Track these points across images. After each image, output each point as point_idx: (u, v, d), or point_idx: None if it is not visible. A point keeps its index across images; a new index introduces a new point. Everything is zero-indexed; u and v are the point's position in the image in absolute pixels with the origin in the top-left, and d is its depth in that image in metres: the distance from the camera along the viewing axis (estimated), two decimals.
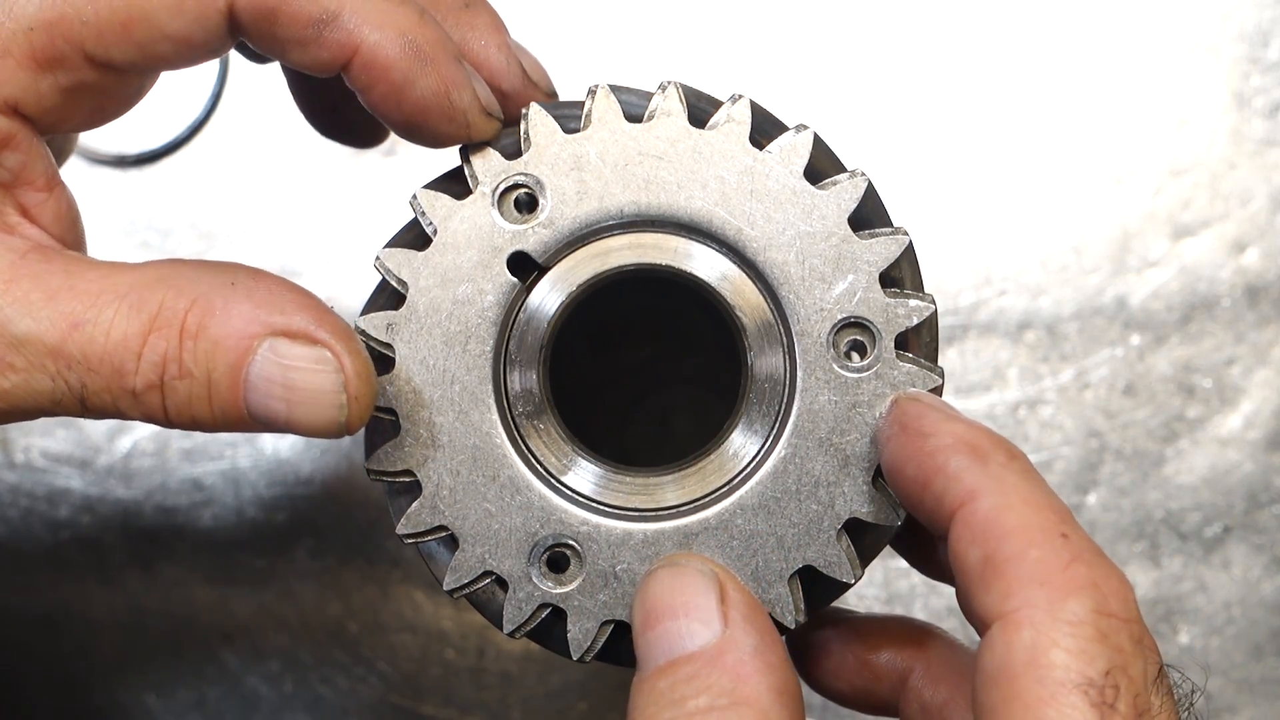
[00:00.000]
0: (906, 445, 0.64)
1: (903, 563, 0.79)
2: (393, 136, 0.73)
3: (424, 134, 0.69)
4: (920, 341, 0.69)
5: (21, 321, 0.64)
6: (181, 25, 0.66)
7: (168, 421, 0.65)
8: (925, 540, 0.73)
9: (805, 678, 0.74)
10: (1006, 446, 0.62)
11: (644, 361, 0.90)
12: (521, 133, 0.69)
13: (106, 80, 0.68)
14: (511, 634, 0.69)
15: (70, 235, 0.70)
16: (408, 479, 0.69)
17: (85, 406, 0.65)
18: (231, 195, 1.08)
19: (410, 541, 0.69)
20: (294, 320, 0.64)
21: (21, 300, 0.64)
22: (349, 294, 1.07)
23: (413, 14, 0.67)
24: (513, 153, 0.69)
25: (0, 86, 0.66)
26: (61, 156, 0.78)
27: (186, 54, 0.68)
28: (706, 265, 0.70)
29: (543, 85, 0.73)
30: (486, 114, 0.69)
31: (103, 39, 0.66)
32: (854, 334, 0.69)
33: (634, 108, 0.69)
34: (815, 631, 0.73)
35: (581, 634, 0.69)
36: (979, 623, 0.60)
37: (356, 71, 0.67)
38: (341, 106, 0.75)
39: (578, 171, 0.69)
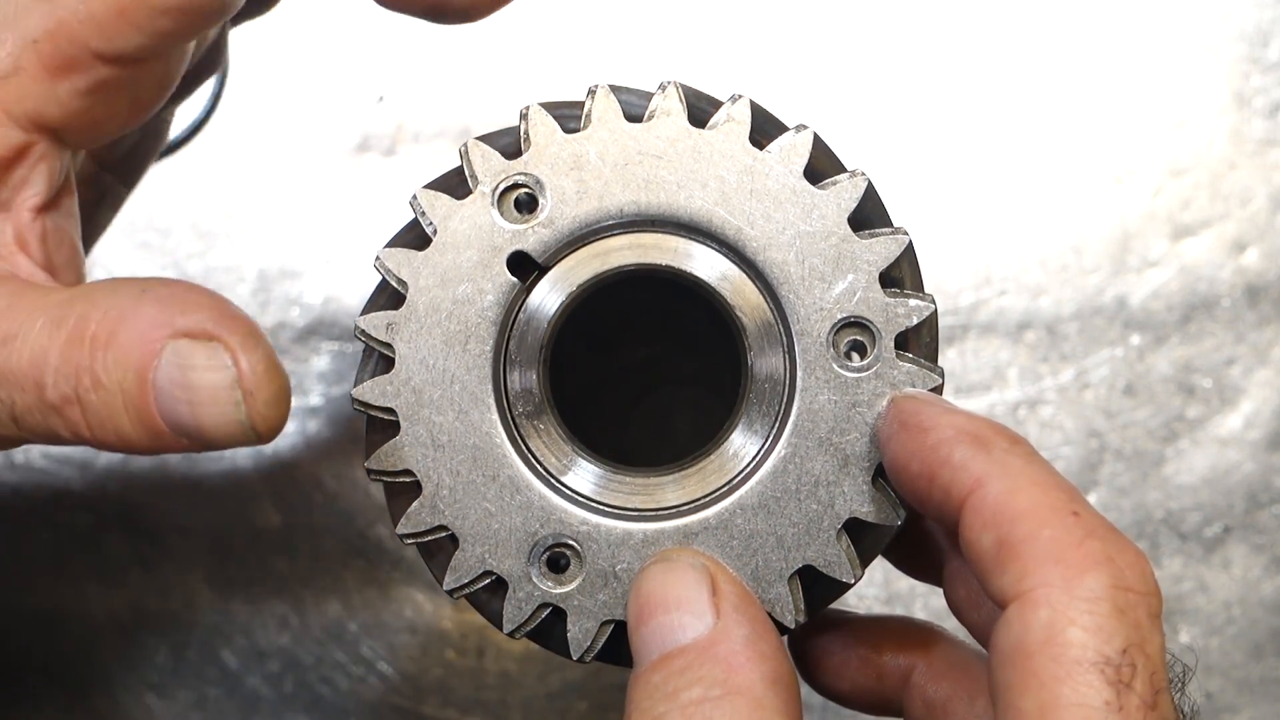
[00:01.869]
0: (908, 442, 0.64)
1: None
2: (391, 136, 0.73)
3: (439, 12, 0.71)
4: (920, 341, 0.69)
5: None
6: None
7: (95, 440, 0.64)
8: (915, 542, 0.73)
9: (808, 679, 0.74)
10: (1007, 433, 0.62)
11: (644, 361, 0.90)
12: (521, 132, 0.69)
13: (124, 72, 0.68)
14: (511, 634, 0.69)
15: (59, 257, 0.69)
16: (408, 479, 0.69)
17: (18, 425, 0.64)
18: (231, 195, 1.08)
19: (410, 541, 0.69)
20: (193, 319, 0.62)
21: None
22: (349, 294, 1.07)
23: None
24: (512, 152, 0.69)
25: (19, 102, 0.66)
26: (131, 181, 0.79)
27: (191, 23, 0.67)
28: (706, 265, 0.70)
29: None
30: None
31: (105, 32, 0.66)
32: (854, 334, 0.69)
33: (634, 107, 0.69)
34: (817, 633, 0.74)
35: (581, 634, 0.69)
36: (995, 606, 0.60)
37: None
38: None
39: (577, 171, 0.69)
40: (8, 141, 0.67)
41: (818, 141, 0.69)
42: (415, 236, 0.70)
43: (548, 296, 0.70)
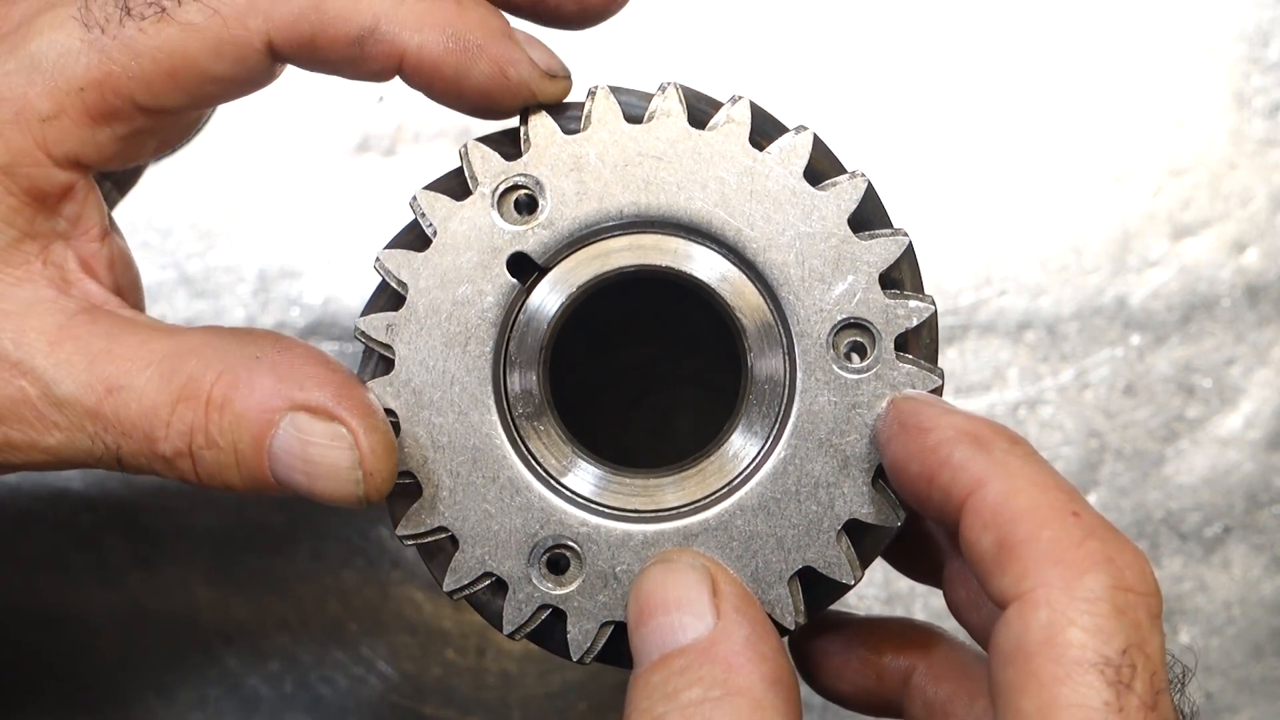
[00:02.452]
0: (908, 443, 0.64)
1: None
2: (391, 136, 0.74)
3: (494, 113, 0.70)
4: (920, 342, 0.69)
5: (64, 384, 0.67)
6: (224, 67, 0.68)
7: (200, 485, 0.67)
8: (915, 544, 0.73)
9: (809, 681, 0.74)
10: (1007, 433, 0.62)
11: (644, 362, 0.90)
12: (521, 134, 0.69)
13: (162, 122, 0.70)
14: (511, 635, 0.69)
15: (125, 280, 0.73)
16: (408, 480, 0.69)
17: (122, 465, 0.68)
18: (231, 195, 1.08)
19: (410, 543, 0.69)
20: (314, 396, 0.66)
21: (65, 364, 0.67)
22: (349, 294, 1.07)
23: (449, 6, 0.68)
24: (512, 153, 0.69)
25: (59, 144, 0.68)
26: (125, 188, 0.81)
27: (234, 90, 0.70)
28: (706, 266, 0.70)
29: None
30: (550, 77, 0.70)
31: (151, 90, 0.68)
32: (854, 335, 0.69)
33: (634, 108, 0.69)
34: (817, 634, 0.74)
35: (581, 635, 0.69)
36: (995, 607, 0.60)
37: (410, 76, 0.69)
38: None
39: (577, 172, 0.69)
40: (52, 179, 0.69)
41: (818, 142, 0.69)
42: (415, 237, 0.70)
43: (548, 298, 0.70)
